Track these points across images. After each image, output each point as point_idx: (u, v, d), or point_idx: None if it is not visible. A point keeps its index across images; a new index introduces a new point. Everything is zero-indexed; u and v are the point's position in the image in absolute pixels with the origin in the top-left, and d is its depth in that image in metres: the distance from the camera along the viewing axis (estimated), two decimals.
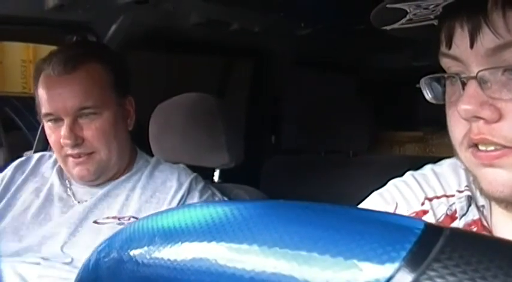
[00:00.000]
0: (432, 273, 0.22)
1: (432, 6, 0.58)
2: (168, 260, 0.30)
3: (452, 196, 0.70)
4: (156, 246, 0.31)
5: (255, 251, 0.26)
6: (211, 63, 2.22)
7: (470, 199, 0.68)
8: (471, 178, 0.69)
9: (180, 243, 0.30)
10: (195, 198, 1.30)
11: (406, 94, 2.40)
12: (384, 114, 2.21)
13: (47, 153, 1.44)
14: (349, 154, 2.04)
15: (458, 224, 0.67)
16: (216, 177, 1.60)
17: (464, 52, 0.57)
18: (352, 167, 1.98)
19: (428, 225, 0.24)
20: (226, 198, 1.39)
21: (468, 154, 0.59)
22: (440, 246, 0.23)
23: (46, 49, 1.56)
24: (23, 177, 1.36)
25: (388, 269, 0.23)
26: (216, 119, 1.47)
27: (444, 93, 0.62)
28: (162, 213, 0.33)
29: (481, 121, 0.56)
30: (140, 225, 0.33)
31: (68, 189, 1.33)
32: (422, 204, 0.71)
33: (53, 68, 1.24)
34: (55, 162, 1.38)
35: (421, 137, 2.29)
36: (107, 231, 1.19)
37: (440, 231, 0.24)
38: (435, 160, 0.77)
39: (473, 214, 0.67)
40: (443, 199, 0.71)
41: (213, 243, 0.28)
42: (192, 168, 1.40)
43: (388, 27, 0.65)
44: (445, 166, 0.74)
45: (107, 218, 1.25)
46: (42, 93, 1.26)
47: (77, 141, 1.24)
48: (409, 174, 0.76)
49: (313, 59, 2.28)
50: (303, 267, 0.24)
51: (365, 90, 2.39)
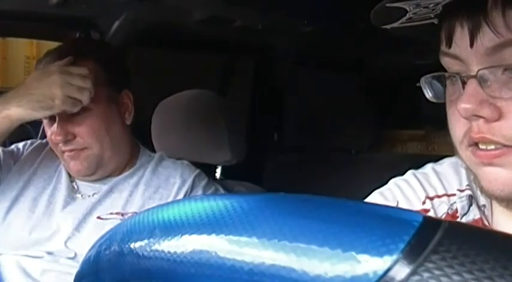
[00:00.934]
0: (430, 265, 0.22)
1: (432, 5, 0.58)
2: (168, 252, 0.30)
3: (454, 195, 0.71)
4: (157, 238, 0.31)
5: (254, 243, 0.26)
6: (214, 60, 2.22)
7: (471, 198, 0.68)
8: (472, 177, 0.70)
9: (180, 235, 0.30)
10: (198, 194, 1.30)
11: (409, 92, 2.40)
12: (387, 112, 2.20)
13: None
14: (352, 152, 2.04)
15: None
16: (218, 174, 1.60)
17: (464, 51, 0.57)
18: (355, 165, 1.98)
19: (426, 218, 0.24)
20: None
21: (468, 153, 0.59)
22: (438, 239, 0.23)
23: (49, 46, 1.56)
24: (38, 160, 1.36)
25: (386, 261, 0.23)
26: (218, 115, 1.48)
27: (445, 92, 0.62)
28: (162, 206, 0.33)
29: (481, 120, 0.56)
30: (141, 218, 0.34)
31: (72, 182, 1.33)
32: (424, 203, 0.72)
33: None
34: None
35: (424, 135, 2.29)
36: (110, 226, 1.19)
37: (438, 224, 0.24)
38: (437, 158, 0.77)
39: (475, 213, 0.67)
40: (445, 198, 0.71)
41: (213, 236, 0.28)
42: (194, 164, 1.41)
43: (388, 26, 0.65)
44: (446, 165, 0.74)
45: (111, 213, 1.25)
46: None
47: (68, 137, 1.25)
48: (410, 173, 0.76)
49: (316, 56, 2.28)
50: (301, 259, 0.24)
51: (368, 89, 2.39)
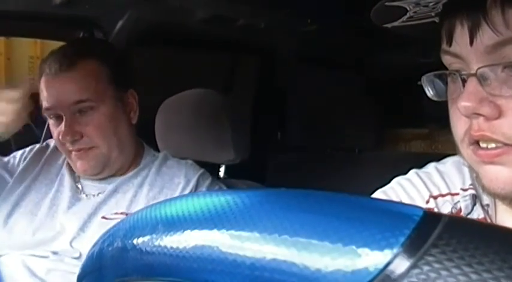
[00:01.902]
0: (430, 259, 0.22)
1: (432, 3, 0.58)
2: (171, 247, 0.30)
3: (457, 194, 0.71)
4: (159, 234, 0.31)
5: (256, 237, 0.26)
6: (218, 59, 2.22)
7: (475, 198, 0.68)
8: (474, 175, 0.70)
9: (182, 231, 0.30)
10: None
11: (412, 91, 2.39)
12: (390, 111, 2.20)
13: None
14: (355, 151, 2.04)
15: None
16: (221, 173, 1.60)
17: (464, 49, 0.57)
18: (358, 164, 1.98)
19: (427, 213, 0.24)
20: None
21: (469, 151, 0.59)
22: (438, 233, 0.23)
23: (54, 46, 1.56)
24: (39, 166, 1.37)
25: (386, 254, 0.23)
26: (221, 115, 1.48)
27: (447, 90, 0.62)
28: (165, 202, 0.33)
29: (481, 118, 0.56)
30: (143, 214, 0.34)
31: (77, 182, 1.34)
32: (427, 202, 0.72)
33: (50, 67, 1.27)
34: None
35: (427, 134, 2.28)
36: None
37: (438, 218, 0.24)
38: (441, 157, 0.77)
39: (478, 213, 0.67)
40: (448, 197, 0.71)
41: (215, 231, 0.28)
42: (198, 163, 1.41)
43: (389, 25, 0.65)
44: (449, 164, 0.74)
45: (115, 213, 1.26)
46: (42, 92, 1.29)
47: (75, 137, 1.25)
48: (413, 172, 0.76)
49: (320, 55, 2.27)
50: (302, 253, 0.25)
51: (371, 88, 2.39)
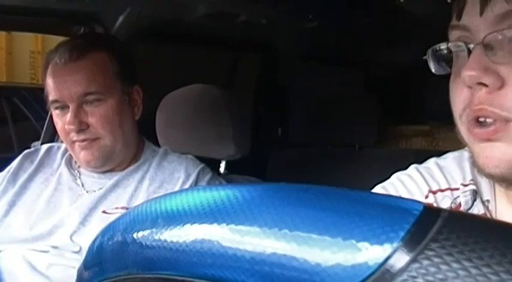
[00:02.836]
0: (430, 253, 0.22)
1: None
2: (171, 241, 0.30)
3: (457, 189, 0.71)
4: (159, 228, 0.31)
5: (256, 232, 0.26)
6: (219, 56, 2.22)
7: (476, 193, 0.68)
8: (475, 170, 0.69)
9: (182, 225, 0.30)
10: None
11: (414, 88, 2.39)
12: (391, 108, 2.20)
13: (55, 145, 1.47)
14: (356, 148, 2.04)
15: None
16: (222, 169, 1.61)
17: (474, 20, 0.58)
18: (359, 161, 1.98)
19: (426, 207, 0.24)
20: None
21: (465, 129, 0.60)
22: (438, 227, 0.23)
23: (55, 41, 1.57)
24: (32, 167, 1.37)
25: (386, 248, 0.23)
26: (222, 110, 1.48)
27: (450, 66, 0.63)
28: (165, 196, 0.33)
29: (483, 90, 0.56)
30: (144, 208, 0.34)
31: (76, 179, 1.34)
32: (426, 197, 0.72)
33: (60, 57, 1.27)
34: (63, 153, 1.40)
35: (428, 130, 2.28)
36: None
37: (438, 212, 0.24)
38: (441, 154, 0.77)
39: (478, 209, 0.67)
40: (448, 192, 0.71)
41: (215, 225, 0.28)
42: (199, 159, 1.41)
43: None
44: (449, 159, 0.74)
45: (116, 208, 1.26)
46: (49, 82, 1.28)
47: (81, 126, 1.26)
48: (413, 167, 0.77)
49: (321, 52, 2.27)
50: (302, 248, 0.25)
51: (372, 84, 2.39)
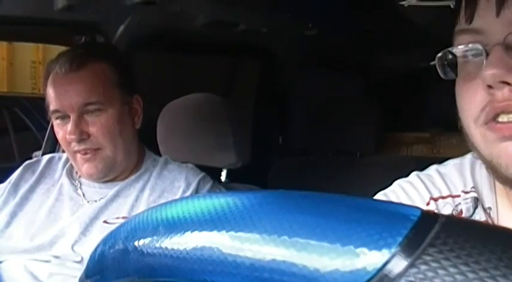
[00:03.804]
0: (427, 258, 0.23)
1: None
2: (172, 249, 0.30)
3: (458, 196, 0.70)
4: (160, 236, 0.31)
5: (255, 238, 0.26)
6: (218, 63, 2.23)
7: (477, 201, 0.68)
8: (477, 177, 0.69)
9: (183, 232, 0.30)
10: None
11: (414, 95, 2.39)
12: (392, 115, 2.20)
13: (56, 155, 1.47)
14: (356, 155, 2.04)
15: None
16: (223, 177, 1.61)
17: (489, 21, 0.57)
18: (360, 168, 1.98)
19: (424, 212, 0.25)
20: None
21: (483, 130, 0.58)
22: (435, 232, 0.23)
23: (56, 50, 1.57)
24: (33, 178, 1.38)
25: (384, 254, 0.23)
26: (223, 119, 1.48)
27: (455, 71, 0.62)
28: (165, 204, 0.34)
29: (506, 88, 0.55)
30: (145, 216, 0.34)
31: (77, 189, 1.34)
32: (428, 204, 0.72)
33: (60, 67, 1.28)
34: (64, 163, 1.40)
35: (429, 138, 2.28)
36: None
37: (436, 218, 0.24)
38: (442, 161, 0.77)
39: (480, 216, 0.67)
40: (449, 199, 0.71)
41: (215, 232, 0.28)
42: (199, 168, 1.41)
43: (405, 3, 0.65)
44: (450, 166, 0.74)
45: (117, 218, 1.26)
46: (50, 92, 1.29)
47: (82, 136, 1.26)
48: (414, 174, 0.77)
49: (321, 59, 2.28)
50: (301, 254, 0.25)
51: (373, 91, 2.39)
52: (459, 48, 0.61)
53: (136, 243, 0.33)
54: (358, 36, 1.90)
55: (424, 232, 0.23)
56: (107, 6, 1.51)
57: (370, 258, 0.23)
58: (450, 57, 0.62)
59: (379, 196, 0.76)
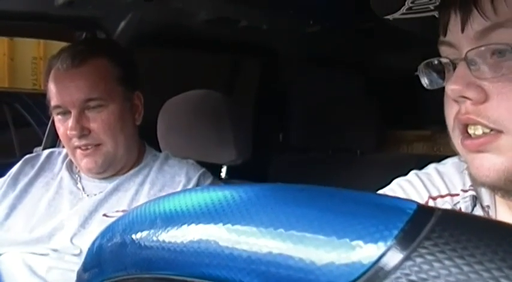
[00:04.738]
0: (423, 251, 0.23)
1: None
2: (169, 242, 0.30)
3: (457, 195, 0.71)
4: (158, 229, 0.31)
5: (252, 231, 0.27)
6: (219, 60, 2.23)
7: (475, 199, 0.68)
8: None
9: (180, 225, 0.30)
10: None
11: (415, 93, 2.39)
12: (392, 113, 2.20)
13: (56, 150, 1.47)
14: (357, 153, 2.04)
15: None
16: (223, 174, 1.61)
17: (457, 36, 0.59)
18: (360, 166, 1.98)
19: (420, 206, 0.25)
20: None
21: (459, 141, 0.60)
22: (431, 226, 0.23)
23: (57, 46, 1.58)
24: (33, 172, 1.38)
25: (380, 247, 0.23)
26: (223, 115, 1.48)
27: (441, 82, 0.63)
28: (163, 197, 0.34)
29: (468, 102, 0.57)
30: (143, 209, 0.34)
31: (77, 183, 1.35)
32: (426, 203, 0.72)
33: (62, 62, 1.28)
34: (64, 157, 1.41)
35: (429, 135, 2.28)
36: None
37: (431, 211, 0.24)
38: (442, 159, 0.77)
39: (478, 214, 0.67)
40: (448, 198, 0.71)
41: (212, 225, 0.28)
42: (200, 164, 1.41)
43: (390, 17, 0.66)
44: (449, 165, 0.74)
45: (117, 211, 1.26)
46: (51, 87, 1.29)
47: (83, 132, 1.26)
48: (413, 173, 0.77)
49: (322, 57, 2.28)
50: (297, 247, 0.25)
51: (373, 89, 2.39)
52: (441, 59, 0.63)
53: (133, 236, 0.33)
54: (360, 34, 1.90)
55: (420, 225, 0.23)
56: (107, 2, 1.51)
57: (365, 251, 0.23)
58: (437, 63, 0.64)
59: None
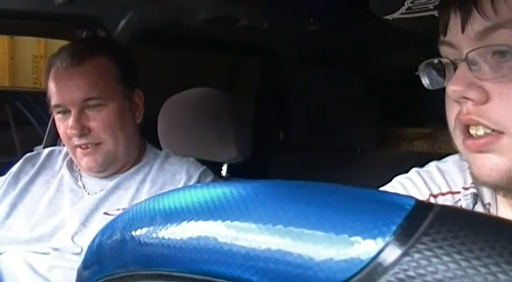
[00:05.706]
0: (421, 246, 0.23)
1: None
2: (169, 238, 0.30)
3: (458, 193, 0.71)
4: (157, 225, 0.32)
5: (251, 227, 0.27)
6: (220, 59, 2.23)
7: (476, 197, 0.68)
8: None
9: (179, 222, 0.30)
10: None
11: (415, 91, 2.39)
12: (392, 111, 2.20)
13: (56, 148, 1.48)
14: (357, 151, 2.04)
15: None
16: (223, 172, 1.61)
17: (457, 37, 0.58)
18: (360, 164, 1.98)
19: (418, 202, 0.25)
20: None
21: (460, 141, 0.60)
22: (429, 221, 0.23)
23: (57, 45, 1.57)
24: (33, 170, 1.38)
25: (378, 243, 0.23)
26: (223, 113, 1.48)
27: (442, 81, 0.63)
28: (163, 194, 0.34)
29: (469, 102, 0.57)
30: (142, 206, 0.34)
31: (78, 181, 1.35)
32: (427, 200, 0.72)
33: (61, 61, 1.28)
34: (65, 156, 1.41)
35: (430, 133, 2.28)
36: None
37: (430, 207, 0.24)
38: (443, 157, 0.77)
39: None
40: (449, 196, 0.71)
41: (211, 222, 0.29)
42: (200, 162, 1.41)
43: (389, 17, 0.66)
44: (450, 163, 0.74)
45: (117, 209, 1.26)
46: (51, 86, 1.29)
47: (83, 131, 1.26)
48: (414, 170, 0.77)
49: (322, 56, 2.28)
50: (296, 242, 0.25)
51: (373, 87, 2.39)
52: (441, 59, 0.63)
53: (133, 233, 0.33)
54: (359, 32, 1.90)
55: (418, 221, 0.23)
56: (108, 1, 1.51)
57: (364, 247, 0.24)
58: (438, 64, 0.63)
59: None
